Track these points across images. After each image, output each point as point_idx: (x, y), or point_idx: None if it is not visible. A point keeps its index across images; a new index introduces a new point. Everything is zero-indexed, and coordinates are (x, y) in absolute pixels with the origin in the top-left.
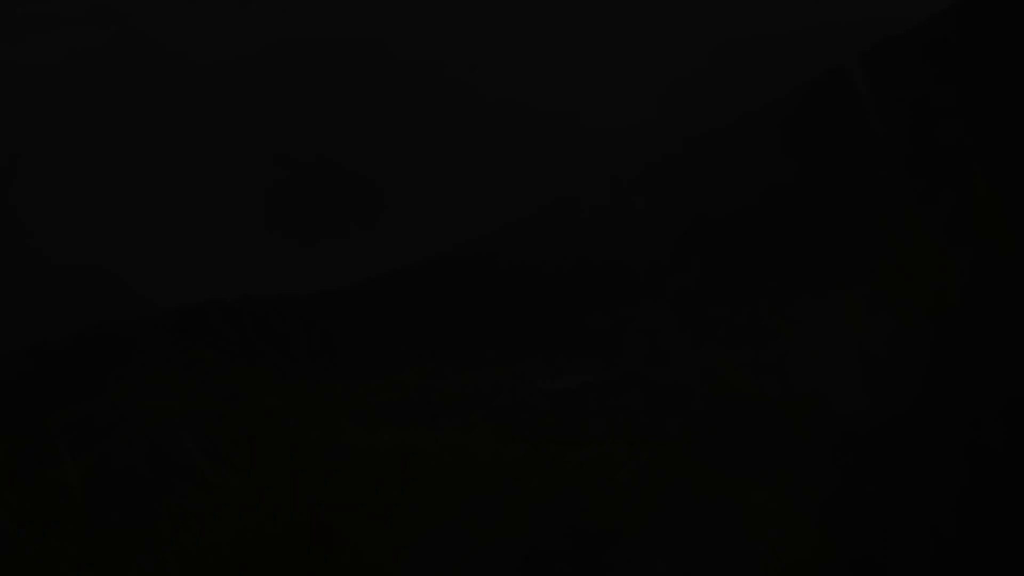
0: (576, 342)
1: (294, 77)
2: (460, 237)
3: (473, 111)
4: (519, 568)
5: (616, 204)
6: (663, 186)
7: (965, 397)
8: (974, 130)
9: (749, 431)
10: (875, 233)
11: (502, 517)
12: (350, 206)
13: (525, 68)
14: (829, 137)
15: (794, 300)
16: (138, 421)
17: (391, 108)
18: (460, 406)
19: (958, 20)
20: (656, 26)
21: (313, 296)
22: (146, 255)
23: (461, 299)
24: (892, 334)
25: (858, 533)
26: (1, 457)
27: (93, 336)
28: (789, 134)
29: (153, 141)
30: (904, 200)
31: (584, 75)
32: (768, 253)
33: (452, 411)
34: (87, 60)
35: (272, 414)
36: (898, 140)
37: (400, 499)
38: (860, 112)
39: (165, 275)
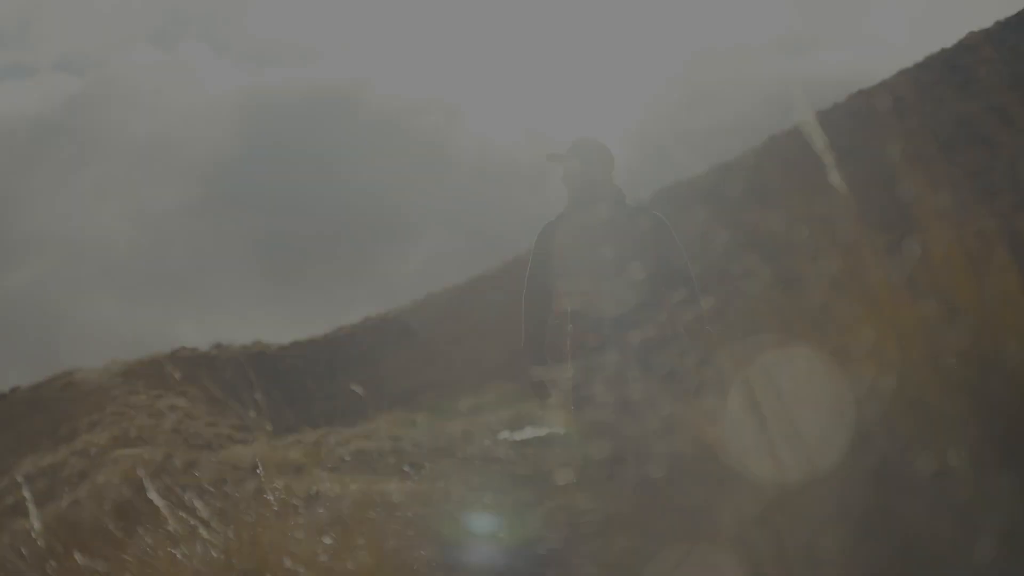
0: (544, 393)
1: (271, 123)
2: (434, 286)
3: (452, 154)
4: None
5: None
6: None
7: (905, 460)
8: (934, 185)
9: (712, 480)
10: (837, 287)
11: (471, 562)
12: (326, 256)
13: (503, 111)
14: (792, 191)
15: (757, 351)
16: (106, 470)
17: (368, 158)
18: (432, 455)
19: (915, 79)
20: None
21: (285, 346)
22: (120, 301)
23: (433, 350)
24: (851, 388)
25: None
26: None
27: (62, 383)
28: (754, 187)
29: (131, 185)
30: (864, 254)
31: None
32: (733, 305)
33: (425, 459)
34: (64, 106)
35: (242, 461)
36: (858, 195)
37: (371, 546)
38: (821, 167)
39: (138, 321)
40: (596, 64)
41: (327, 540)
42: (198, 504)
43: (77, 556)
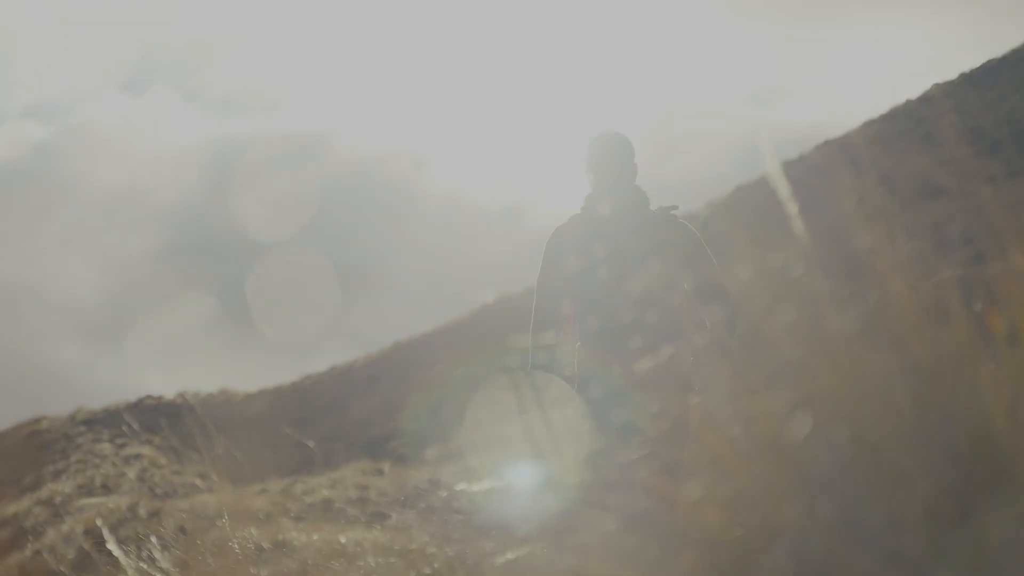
0: (502, 443)
1: (239, 170)
2: (401, 335)
3: (418, 208)
4: None
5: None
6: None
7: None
8: (895, 237)
9: (664, 531)
10: (795, 338)
11: None
12: (294, 304)
13: (469, 163)
14: (756, 241)
15: (713, 401)
16: (71, 519)
17: (336, 206)
18: (397, 504)
19: (879, 131)
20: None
21: (252, 394)
22: (85, 349)
23: (400, 399)
24: (806, 439)
25: None
26: None
27: (27, 431)
28: (718, 238)
29: (98, 232)
30: (823, 305)
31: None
32: (689, 355)
33: (390, 509)
34: (32, 154)
35: (207, 509)
36: (822, 245)
37: None
38: (785, 218)
39: (103, 369)
40: (565, 116)
41: None
42: (158, 555)
43: None
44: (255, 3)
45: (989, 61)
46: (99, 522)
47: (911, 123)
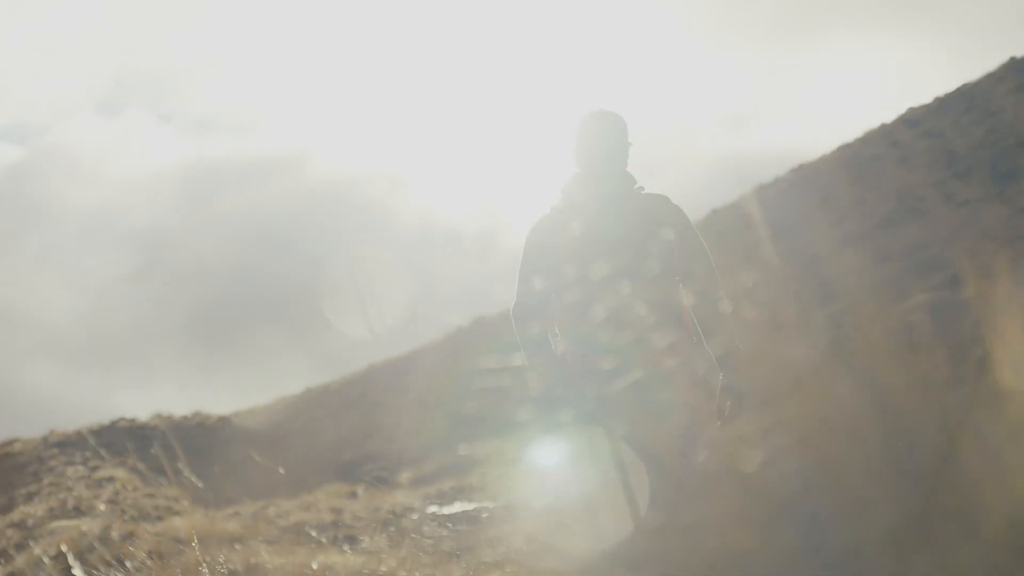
0: (469, 471)
1: (213, 192)
2: (376, 357)
3: (394, 229)
4: None
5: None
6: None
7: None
8: (873, 260)
9: (628, 557)
10: (764, 363)
11: None
12: (268, 326)
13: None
14: (729, 263)
15: (680, 426)
16: (43, 542)
17: (310, 228)
18: (370, 527)
19: (855, 154)
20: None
21: (225, 416)
22: (59, 370)
23: (374, 421)
24: (772, 464)
25: None
26: None
27: (3, 453)
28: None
29: (72, 253)
30: (793, 329)
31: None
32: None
33: (363, 532)
34: (6, 175)
35: (180, 532)
36: (796, 269)
37: None
38: (758, 241)
39: (77, 391)
40: (540, 139)
41: None
42: None
43: None
44: (231, 26)
45: (964, 85)
46: (63, 547)
47: (886, 146)
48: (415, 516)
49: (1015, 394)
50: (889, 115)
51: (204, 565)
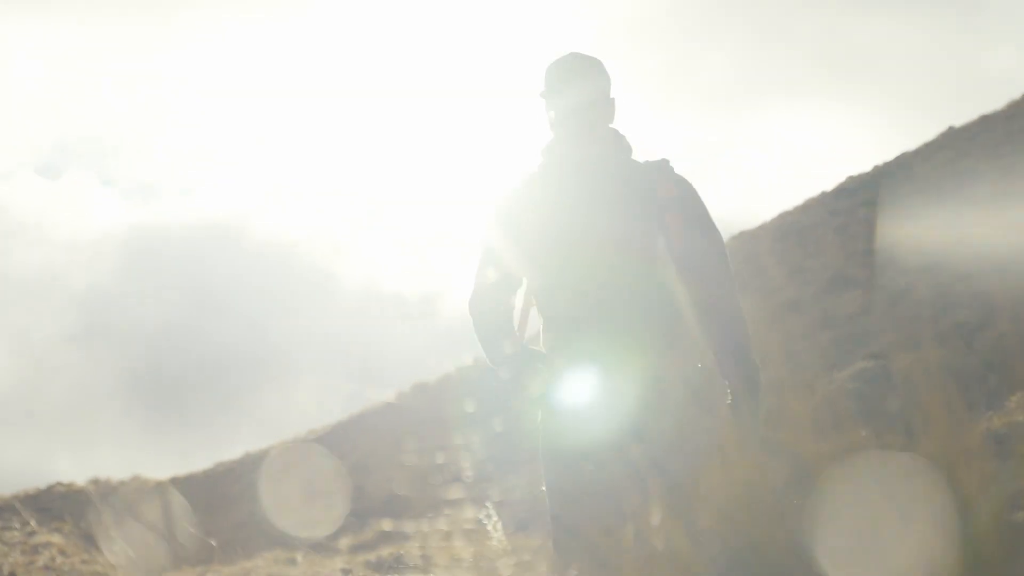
0: (409, 539)
1: (154, 254)
2: (316, 422)
3: (335, 294)
4: None
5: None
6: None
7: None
8: (812, 327)
9: None
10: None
11: None
12: (208, 390)
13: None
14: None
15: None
16: None
17: (252, 292)
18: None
19: (795, 222)
20: None
21: (164, 481)
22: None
23: (314, 487)
24: (696, 544)
25: None
26: None
27: None
28: None
29: (11, 315)
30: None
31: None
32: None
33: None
34: None
35: None
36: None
37: None
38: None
39: (14, 454)
40: (482, 201)
41: None
42: None
43: None
44: (173, 91)
45: (903, 154)
46: None
47: (826, 214)
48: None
49: (938, 467)
50: (828, 184)
51: None
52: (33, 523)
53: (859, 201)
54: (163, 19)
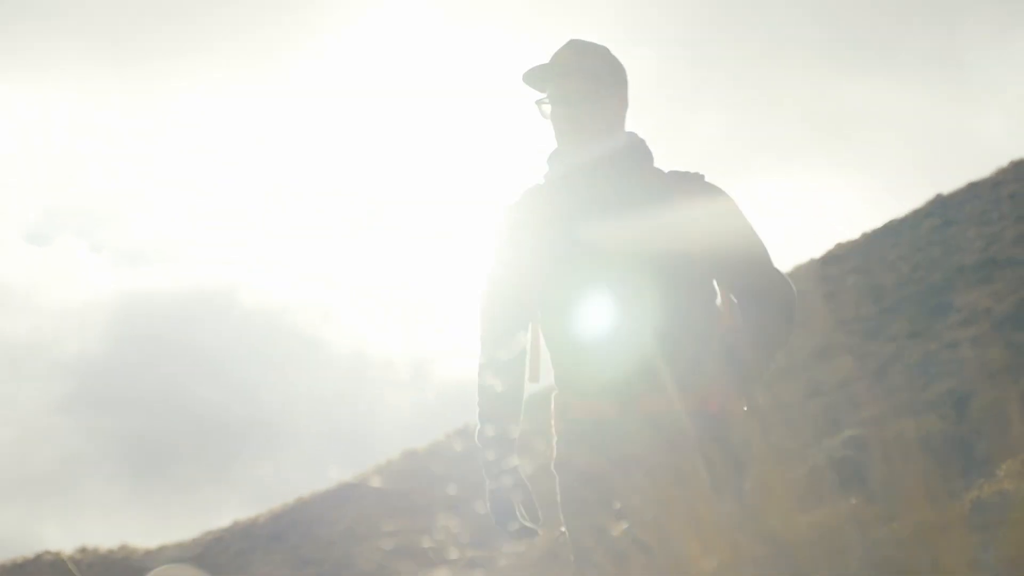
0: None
1: (143, 321)
2: (304, 490)
3: (323, 360)
4: None
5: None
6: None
7: None
8: (801, 394)
9: None
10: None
11: None
12: (196, 457)
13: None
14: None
15: None
16: None
17: (241, 358)
18: None
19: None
20: None
21: (152, 550)
22: None
23: (303, 555)
24: None
25: None
26: None
27: None
28: None
29: (1, 384)
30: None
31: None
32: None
33: None
34: None
35: None
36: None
37: None
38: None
39: (1, 522)
40: (470, 271)
41: None
42: None
43: None
44: (162, 159)
45: (891, 221)
46: None
47: (814, 282)
48: None
49: (920, 541)
50: (817, 250)
51: None
52: None
53: (847, 268)
54: (152, 77)
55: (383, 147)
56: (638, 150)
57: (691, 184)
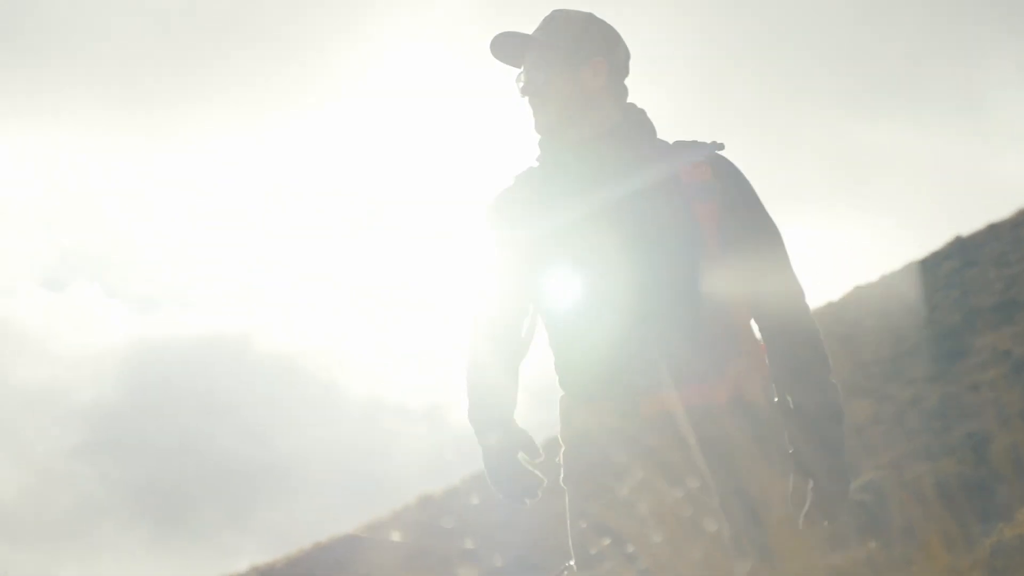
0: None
1: (159, 367)
2: (322, 535)
3: (337, 405)
4: None
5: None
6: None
7: None
8: None
9: None
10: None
11: None
12: (213, 502)
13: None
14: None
15: None
16: None
17: (256, 403)
18: None
19: None
20: None
21: None
22: (5, 549)
23: None
24: None
25: None
26: None
27: None
28: None
29: (17, 429)
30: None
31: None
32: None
33: None
34: None
35: None
36: None
37: None
38: None
39: (19, 568)
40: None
41: None
42: None
43: None
44: (176, 205)
45: (909, 263)
46: None
47: (832, 324)
48: None
49: None
50: (836, 293)
51: None
52: None
53: (866, 311)
54: (161, 122)
55: (409, 192)
56: (635, 123)
57: (690, 151)
